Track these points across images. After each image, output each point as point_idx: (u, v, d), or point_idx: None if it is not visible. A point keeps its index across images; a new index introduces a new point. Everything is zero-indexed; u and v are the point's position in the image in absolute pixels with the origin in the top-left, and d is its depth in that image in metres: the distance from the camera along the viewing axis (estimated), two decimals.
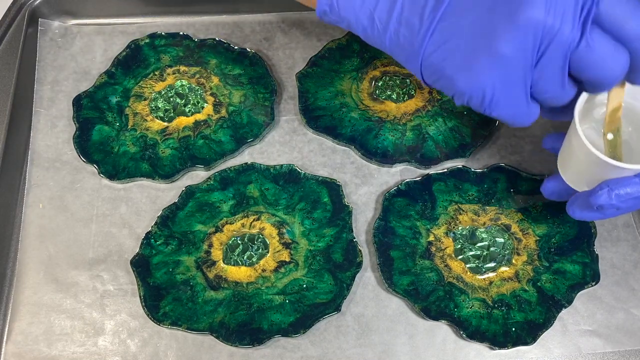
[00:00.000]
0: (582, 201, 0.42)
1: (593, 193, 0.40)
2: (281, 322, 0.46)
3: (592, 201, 0.40)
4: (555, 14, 0.34)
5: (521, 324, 0.46)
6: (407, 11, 0.38)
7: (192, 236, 0.50)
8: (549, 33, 0.34)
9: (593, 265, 0.48)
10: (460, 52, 0.37)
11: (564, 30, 0.34)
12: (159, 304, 0.47)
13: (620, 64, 0.36)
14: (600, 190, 0.40)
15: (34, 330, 0.47)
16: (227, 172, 0.52)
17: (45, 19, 0.60)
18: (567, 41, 0.35)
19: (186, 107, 0.55)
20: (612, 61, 0.35)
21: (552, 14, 0.34)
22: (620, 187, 0.39)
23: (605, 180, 0.40)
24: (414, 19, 0.38)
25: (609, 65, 0.36)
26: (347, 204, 0.51)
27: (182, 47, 0.58)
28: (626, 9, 0.35)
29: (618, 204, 0.40)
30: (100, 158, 0.53)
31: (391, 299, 0.48)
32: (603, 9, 0.35)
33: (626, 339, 0.47)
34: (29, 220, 0.51)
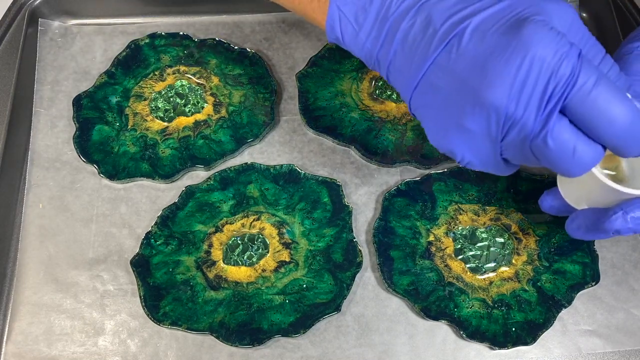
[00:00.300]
0: (585, 222, 0.41)
1: (606, 218, 0.39)
2: (281, 322, 0.46)
3: (607, 226, 0.39)
4: (519, 102, 0.33)
5: (521, 324, 0.46)
6: (399, 60, 0.38)
7: (192, 236, 0.50)
8: (510, 119, 0.34)
9: (593, 265, 0.48)
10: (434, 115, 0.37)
11: (527, 120, 0.33)
12: (159, 304, 0.47)
13: (584, 164, 0.34)
14: (614, 214, 0.39)
15: (34, 330, 0.47)
16: (227, 172, 0.52)
17: (45, 19, 0.60)
18: (528, 131, 0.34)
19: (186, 107, 0.55)
20: (571, 160, 0.34)
21: (515, 101, 0.33)
22: (636, 210, 0.38)
23: (619, 205, 0.39)
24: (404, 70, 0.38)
25: (567, 164, 0.34)
26: (347, 204, 0.51)
27: (182, 47, 0.58)
28: (597, 105, 0.32)
29: (635, 227, 0.39)
30: (100, 158, 0.53)
31: (391, 299, 0.48)
32: (572, 103, 0.33)
33: (626, 339, 0.47)
34: (29, 220, 0.51)
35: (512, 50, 0.33)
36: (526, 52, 0.32)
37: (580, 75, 0.32)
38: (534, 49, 0.32)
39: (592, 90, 0.32)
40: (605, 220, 0.39)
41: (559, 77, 0.32)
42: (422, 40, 0.36)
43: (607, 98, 0.32)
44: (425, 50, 0.36)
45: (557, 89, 0.32)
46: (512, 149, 0.36)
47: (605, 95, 0.32)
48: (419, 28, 0.37)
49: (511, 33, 0.33)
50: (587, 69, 0.32)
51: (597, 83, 0.32)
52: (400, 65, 0.38)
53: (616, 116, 0.32)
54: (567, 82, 0.32)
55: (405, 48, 0.38)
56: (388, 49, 0.38)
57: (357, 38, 0.40)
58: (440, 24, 0.36)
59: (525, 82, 0.33)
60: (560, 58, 0.32)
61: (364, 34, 0.39)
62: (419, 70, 0.37)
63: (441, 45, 0.35)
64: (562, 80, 0.32)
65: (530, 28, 0.33)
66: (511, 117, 0.33)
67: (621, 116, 0.32)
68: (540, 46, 0.32)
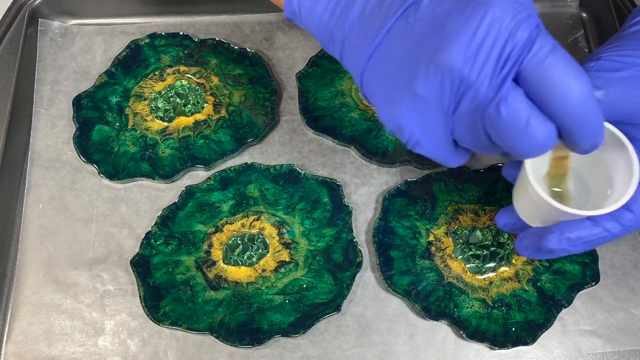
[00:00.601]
0: (531, 242, 0.40)
1: (543, 236, 0.39)
2: (281, 322, 0.46)
3: (543, 244, 0.39)
4: (474, 65, 0.31)
5: (521, 324, 0.46)
6: (355, 31, 0.37)
7: (192, 236, 0.50)
8: (464, 83, 0.32)
9: (593, 265, 0.48)
10: (386, 84, 0.36)
11: (481, 85, 0.31)
12: (159, 304, 0.47)
13: (537, 140, 0.32)
14: (550, 234, 0.38)
15: (34, 330, 0.47)
16: (227, 172, 0.52)
17: (45, 19, 0.60)
18: (482, 97, 0.32)
19: (186, 107, 0.55)
20: (524, 134, 0.32)
21: (471, 64, 0.31)
22: (572, 231, 0.38)
23: (557, 224, 0.38)
24: (359, 41, 0.36)
25: (519, 138, 0.32)
26: (347, 204, 0.51)
27: (182, 47, 0.58)
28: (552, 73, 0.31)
29: (569, 248, 0.38)
30: (100, 158, 0.53)
31: (391, 299, 0.48)
32: (526, 70, 0.31)
33: (626, 339, 0.47)
34: (29, 220, 0.51)
35: (471, 11, 0.32)
36: (485, 12, 0.31)
37: (536, 41, 0.31)
38: (494, 9, 0.31)
39: (547, 58, 0.31)
40: (543, 238, 0.39)
41: (516, 41, 0.31)
42: (380, 10, 0.35)
43: (562, 67, 0.31)
44: (383, 19, 0.35)
45: (513, 52, 0.31)
46: (464, 123, 0.34)
47: (561, 64, 0.31)
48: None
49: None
50: (545, 37, 0.31)
51: (553, 51, 0.31)
52: (355, 39, 0.37)
53: (571, 87, 0.31)
54: (523, 46, 0.31)
55: (361, 20, 0.36)
56: (344, 21, 0.37)
57: (314, 11, 0.38)
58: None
59: (482, 44, 0.31)
60: (519, 22, 0.31)
61: (321, 7, 0.38)
62: (373, 40, 0.35)
63: (398, 12, 0.34)
64: (519, 44, 0.31)
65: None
66: (465, 80, 0.32)
67: (576, 88, 0.31)
68: (500, 8, 0.31)
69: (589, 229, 0.38)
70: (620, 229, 0.38)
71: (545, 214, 0.39)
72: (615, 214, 0.37)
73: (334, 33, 0.38)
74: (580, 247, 0.38)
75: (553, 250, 0.39)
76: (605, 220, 0.38)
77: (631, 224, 0.38)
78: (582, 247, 0.39)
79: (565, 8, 0.62)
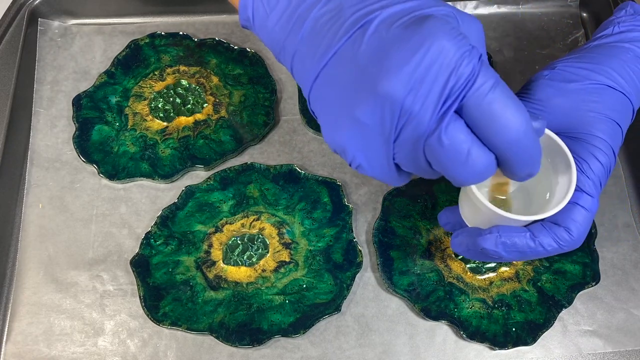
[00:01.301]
0: (467, 239, 0.40)
1: (481, 234, 0.39)
2: (281, 322, 0.46)
3: (478, 242, 0.39)
4: (416, 96, 0.32)
5: (521, 324, 0.46)
6: (304, 48, 0.37)
7: (192, 236, 0.49)
8: (406, 112, 0.32)
9: (593, 266, 0.48)
10: (330, 106, 0.36)
11: (423, 116, 0.32)
12: (159, 304, 0.47)
13: (476, 170, 0.33)
14: (488, 234, 0.38)
15: (34, 331, 0.47)
16: (227, 172, 0.52)
17: (45, 18, 0.60)
18: (423, 127, 0.32)
19: (186, 107, 0.55)
20: (464, 165, 0.33)
21: (413, 95, 0.31)
22: (509, 237, 0.38)
23: (497, 227, 0.38)
24: (308, 59, 0.36)
25: (459, 168, 0.33)
26: (347, 204, 0.51)
27: (182, 47, 0.58)
28: (493, 108, 0.31)
29: (502, 253, 0.38)
30: (100, 158, 0.53)
31: (391, 299, 0.48)
32: (468, 103, 0.32)
33: (627, 339, 0.47)
34: (29, 220, 0.51)
35: (417, 41, 0.32)
36: (430, 44, 0.32)
37: (479, 76, 0.32)
38: (439, 41, 0.31)
39: (489, 93, 0.31)
40: (480, 236, 0.39)
41: (459, 75, 0.31)
42: (330, 30, 0.35)
43: (503, 103, 0.32)
44: (330, 40, 0.35)
45: (456, 86, 0.31)
46: (405, 151, 0.34)
47: (502, 100, 0.32)
48: (328, 17, 0.35)
49: (415, 25, 0.33)
50: (487, 72, 0.32)
51: (495, 88, 0.32)
52: (304, 56, 0.37)
53: (510, 123, 0.32)
54: (466, 80, 0.31)
55: (311, 38, 0.36)
56: (295, 36, 0.37)
57: (267, 22, 0.38)
58: (349, 15, 0.35)
59: (426, 75, 0.32)
60: (463, 55, 0.31)
61: (274, 17, 0.37)
62: (321, 60, 0.35)
63: (346, 36, 0.34)
64: (462, 78, 0.31)
65: (434, 22, 0.32)
66: (407, 111, 0.32)
67: (515, 123, 0.32)
68: (444, 40, 0.32)
69: (526, 239, 0.38)
70: (556, 248, 0.38)
71: (485, 218, 0.39)
72: (554, 233, 0.38)
73: (285, 46, 0.38)
74: (513, 254, 0.38)
75: (486, 250, 0.39)
76: (543, 236, 0.38)
77: (566, 245, 0.38)
78: (514, 256, 0.39)
79: (565, 8, 0.62)
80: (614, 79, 0.40)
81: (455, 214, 0.43)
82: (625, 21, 0.43)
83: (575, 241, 0.38)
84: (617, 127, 0.40)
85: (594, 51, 0.42)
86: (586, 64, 0.41)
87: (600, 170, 0.39)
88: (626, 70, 0.41)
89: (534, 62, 0.59)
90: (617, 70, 0.40)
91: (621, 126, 0.40)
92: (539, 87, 0.41)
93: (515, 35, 0.60)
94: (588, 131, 0.39)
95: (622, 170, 0.53)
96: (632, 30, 0.42)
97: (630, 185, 0.53)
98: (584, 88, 0.40)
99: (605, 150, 0.39)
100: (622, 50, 0.41)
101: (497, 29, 0.61)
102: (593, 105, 0.40)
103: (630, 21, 0.43)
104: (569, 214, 0.38)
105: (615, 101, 0.40)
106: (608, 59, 0.41)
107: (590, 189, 0.38)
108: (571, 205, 0.38)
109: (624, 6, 0.44)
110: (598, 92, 0.40)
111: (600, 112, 0.39)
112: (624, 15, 0.44)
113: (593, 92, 0.40)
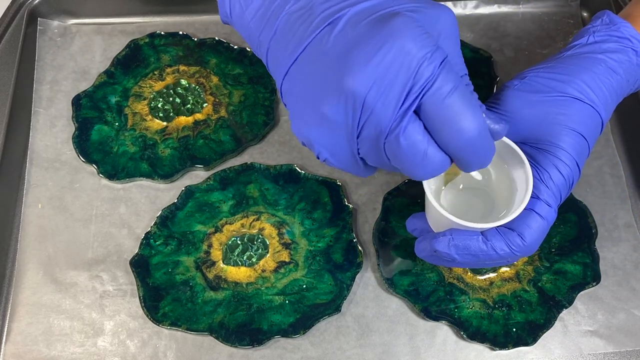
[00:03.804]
0: (427, 243, 0.41)
1: (436, 236, 0.39)
2: (281, 323, 0.46)
3: (433, 244, 0.39)
4: (378, 94, 0.32)
5: (522, 324, 0.46)
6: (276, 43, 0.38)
7: (192, 236, 0.49)
8: (368, 109, 0.33)
9: (594, 266, 0.48)
10: (299, 101, 0.37)
11: (384, 113, 0.33)
12: (159, 305, 0.47)
13: (432, 168, 0.34)
14: (442, 236, 0.39)
15: (33, 331, 0.47)
16: (226, 172, 0.52)
17: (44, 18, 0.59)
18: (384, 125, 0.33)
19: (186, 106, 0.55)
20: (421, 163, 0.34)
21: (375, 92, 0.32)
22: (461, 240, 0.38)
23: (451, 230, 0.39)
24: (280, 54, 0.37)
25: (416, 165, 0.34)
26: (347, 204, 0.50)
27: (182, 47, 0.58)
28: (449, 113, 0.33)
29: (454, 255, 0.39)
30: (99, 158, 0.52)
31: (391, 300, 0.48)
32: (426, 105, 0.33)
33: (627, 340, 0.47)
34: (28, 221, 0.51)
35: (380, 39, 0.33)
36: (393, 42, 0.32)
37: (438, 79, 0.32)
38: (401, 41, 0.32)
39: (446, 98, 0.32)
40: (434, 238, 0.39)
41: (419, 76, 0.32)
42: (301, 26, 0.36)
43: (459, 108, 0.32)
44: (301, 36, 0.36)
45: (415, 87, 0.32)
46: (368, 146, 0.35)
47: (458, 104, 0.32)
48: (299, 13, 0.36)
49: (381, 23, 0.33)
50: (447, 75, 0.32)
51: (453, 92, 0.32)
52: (276, 51, 0.38)
53: (465, 128, 0.33)
54: (425, 82, 0.32)
55: (284, 32, 0.37)
56: (269, 32, 0.38)
57: (243, 18, 0.39)
58: (319, 12, 0.36)
59: (387, 73, 0.32)
60: (424, 56, 0.32)
61: (250, 13, 0.38)
62: (292, 55, 0.36)
63: (315, 32, 0.35)
64: (421, 79, 0.32)
65: (399, 20, 0.33)
66: (369, 107, 0.33)
67: (470, 129, 0.33)
68: (408, 39, 0.32)
69: (478, 243, 0.38)
70: (508, 253, 0.38)
71: (442, 222, 0.39)
72: (507, 237, 0.38)
73: (260, 40, 0.39)
74: (466, 257, 0.39)
75: (439, 252, 0.39)
76: (495, 240, 0.38)
77: (518, 251, 0.38)
78: (468, 259, 0.39)
79: (565, 7, 0.62)
80: (584, 91, 0.40)
81: (422, 220, 0.43)
82: (600, 30, 0.43)
83: (527, 247, 0.38)
84: (583, 140, 0.40)
85: (566, 62, 0.42)
86: (557, 75, 0.41)
87: (560, 181, 0.39)
88: (597, 83, 0.41)
89: (534, 62, 0.59)
90: (587, 83, 0.40)
91: (587, 139, 0.40)
92: (507, 97, 0.41)
93: (516, 35, 0.60)
94: (552, 143, 0.39)
95: (622, 170, 0.53)
96: (606, 40, 0.42)
97: (631, 185, 0.53)
98: (552, 100, 0.40)
99: (568, 162, 0.39)
100: (595, 61, 0.41)
101: (497, 29, 0.60)
102: (560, 117, 0.40)
103: (605, 31, 0.43)
104: (524, 220, 0.38)
105: (583, 114, 0.40)
106: (579, 71, 0.41)
107: (548, 198, 0.38)
108: (527, 211, 0.38)
109: (601, 15, 0.44)
110: (566, 105, 0.40)
111: (566, 125, 0.40)
112: (599, 24, 0.43)
113: (561, 104, 0.40)
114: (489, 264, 0.40)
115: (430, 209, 0.40)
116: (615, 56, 0.41)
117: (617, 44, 0.42)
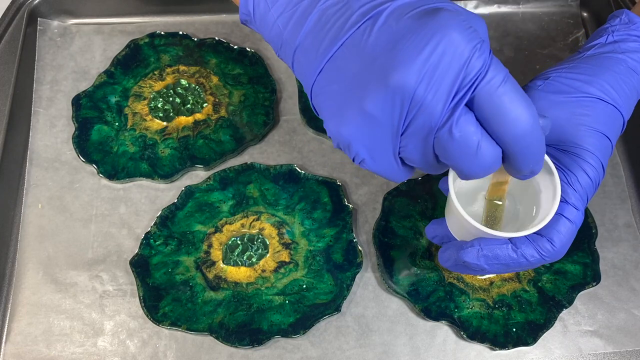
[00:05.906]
0: (452, 253, 0.40)
1: (463, 248, 0.39)
2: (281, 323, 0.46)
3: (460, 256, 0.39)
4: (428, 86, 0.32)
5: (522, 324, 0.46)
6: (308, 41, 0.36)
7: (192, 236, 0.49)
8: (417, 103, 0.32)
9: (594, 266, 0.48)
10: (336, 99, 0.35)
11: (434, 107, 0.32)
12: (159, 305, 0.47)
13: (485, 163, 0.33)
14: (470, 247, 0.39)
15: (33, 331, 0.47)
16: (226, 172, 0.52)
17: (44, 18, 0.59)
18: (435, 119, 0.32)
19: (185, 106, 0.55)
20: (474, 157, 0.33)
21: (425, 85, 0.32)
22: (490, 250, 0.38)
23: (479, 239, 0.39)
24: (312, 52, 0.36)
25: (468, 160, 0.33)
26: (347, 204, 0.50)
27: (182, 47, 0.58)
28: (503, 102, 0.32)
29: (484, 265, 0.38)
30: (99, 158, 0.52)
31: (391, 300, 0.48)
32: (479, 96, 0.32)
33: (627, 340, 0.47)
34: (28, 221, 0.51)
35: (428, 32, 0.32)
36: (442, 36, 0.32)
37: (489, 70, 0.32)
38: (450, 33, 0.32)
39: (500, 87, 0.32)
40: (462, 249, 0.39)
41: (471, 68, 0.32)
42: (337, 21, 0.35)
43: (513, 97, 0.32)
44: (337, 32, 0.35)
45: (467, 78, 0.32)
46: (413, 143, 0.34)
47: (512, 94, 0.32)
48: (335, 9, 0.35)
49: (427, 17, 0.33)
50: (497, 66, 0.32)
51: (505, 82, 0.32)
52: (307, 49, 0.36)
53: (520, 117, 0.32)
54: (477, 73, 0.32)
55: (316, 31, 0.36)
56: (298, 29, 0.36)
57: (268, 15, 0.38)
58: (357, 7, 0.35)
59: (438, 66, 0.32)
60: (474, 48, 0.32)
61: (276, 10, 0.37)
62: (328, 51, 0.35)
63: (355, 26, 0.34)
64: (474, 71, 0.32)
65: (446, 14, 0.32)
66: (419, 102, 0.32)
67: (524, 118, 0.32)
68: (456, 32, 0.32)
69: (508, 251, 0.38)
70: (538, 259, 0.38)
71: (470, 229, 0.39)
72: (537, 243, 0.38)
73: (287, 40, 0.37)
74: (496, 267, 0.38)
75: (468, 263, 0.39)
76: (525, 247, 0.38)
77: (548, 256, 0.38)
78: (498, 268, 0.39)
79: (566, 7, 0.62)
80: (607, 92, 0.40)
81: (442, 226, 0.43)
82: (619, 30, 0.43)
83: (557, 252, 0.38)
84: (607, 141, 0.40)
85: (588, 62, 0.42)
86: (579, 75, 0.41)
87: (587, 184, 0.39)
88: (619, 83, 0.41)
89: (534, 62, 0.59)
90: (610, 83, 0.40)
91: (611, 139, 0.40)
92: (532, 98, 0.41)
93: (516, 35, 0.60)
94: (578, 145, 0.39)
95: (622, 170, 0.53)
96: (625, 40, 0.42)
97: (631, 186, 0.53)
98: (576, 100, 0.40)
99: (595, 164, 0.39)
100: (616, 61, 0.41)
101: (497, 29, 0.60)
102: (584, 119, 0.40)
103: (624, 30, 0.43)
104: (553, 225, 0.38)
105: (607, 114, 0.40)
106: (601, 71, 0.41)
107: (576, 202, 0.38)
108: (556, 216, 0.38)
109: (619, 14, 0.44)
110: (590, 105, 0.40)
111: (591, 126, 0.40)
112: (618, 23, 0.43)
113: (585, 105, 0.40)
114: (516, 270, 0.40)
115: (456, 217, 0.39)
116: (636, 56, 0.42)
117: (637, 43, 0.42)
